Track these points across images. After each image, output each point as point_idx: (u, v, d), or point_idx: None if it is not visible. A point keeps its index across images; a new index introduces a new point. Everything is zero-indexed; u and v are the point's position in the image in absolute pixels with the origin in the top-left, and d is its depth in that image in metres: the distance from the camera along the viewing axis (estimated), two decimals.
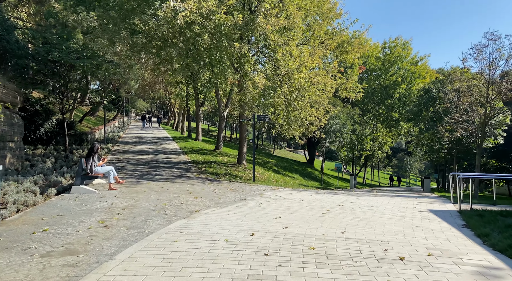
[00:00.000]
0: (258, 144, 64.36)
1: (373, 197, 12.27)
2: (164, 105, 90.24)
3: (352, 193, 13.32)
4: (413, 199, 12.04)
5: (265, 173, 19.79)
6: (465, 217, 7.93)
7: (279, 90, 15.14)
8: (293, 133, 17.25)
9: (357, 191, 18.00)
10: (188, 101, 32.09)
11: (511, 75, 13.56)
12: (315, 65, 15.03)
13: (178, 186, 12.06)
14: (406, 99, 29.70)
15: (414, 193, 20.33)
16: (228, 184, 13.79)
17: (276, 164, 27.22)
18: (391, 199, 11.52)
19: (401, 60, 30.65)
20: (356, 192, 15.30)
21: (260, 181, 16.49)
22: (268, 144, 78.29)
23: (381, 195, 13.95)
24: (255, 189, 13.00)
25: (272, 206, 9.17)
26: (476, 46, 14.40)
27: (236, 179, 15.73)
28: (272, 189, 13.51)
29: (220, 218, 7.50)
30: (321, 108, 17.01)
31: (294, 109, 15.71)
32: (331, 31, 18.15)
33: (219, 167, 18.15)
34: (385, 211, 9.02)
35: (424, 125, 20.14)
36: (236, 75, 15.00)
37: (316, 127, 17.50)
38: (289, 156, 63.56)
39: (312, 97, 15.53)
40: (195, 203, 9.27)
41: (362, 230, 6.65)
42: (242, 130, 19.33)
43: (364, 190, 23.13)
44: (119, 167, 15.93)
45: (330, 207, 9.40)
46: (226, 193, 11.38)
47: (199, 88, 27.50)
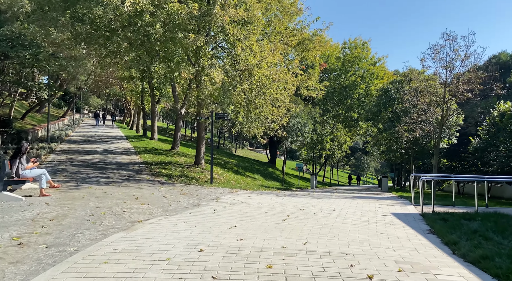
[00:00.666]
0: (219, 143, 63.17)
1: (335, 199, 11.83)
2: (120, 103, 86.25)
3: (313, 195, 12.81)
4: (374, 201, 11.74)
5: (225, 174, 18.90)
6: (429, 221, 7.58)
7: (239, 87, 14.32)
8: (254, 133, 16.52)
9: (318, 192, 17.65)
10: (144, 98, 30.37)
11: (466, 76, 13.80)
12: (276, 62, 14.40)
13: (124, 191, 10.85)
14: (365, 100, 30.18)
15: (373, 192, 20.41)
16: (182, 187, 12.74)
17: (237, 164, 26.41)
18: (352, 202, 11.12)
19: (361, 60, 31.13)
20: (317, 193, 14.87)
21: (219, 183, 15.59)
22: (230, 144, 77.31)
23: (342, 196, 13.59)
24: (211, 192, 12.08)
25: (228, 213, 8.33)
26: (434, 46, 14.55)
27: (192, 181, 14.71)
28: (230, 192, 12.66)
29: (166, 229, 6.53)
30: (282, 107, 16.42)
31: (255, 108, 14.97)
32: (292, 28, 17.64)
33: (174, 168, 16.99)
34: (347, 215, 8.51)
35: (383, 125, 20.32)
36: (192, 69, 13.98)
37: (278, 126, 16.89)
38: (251, 155, 63.04)
39: (273, 95, 14.88)
40: (140, 211, 8.19)
41: (325, 240, 5.99)
42: (200, 129, 18.28)
43: (324, 190, 22.98)
44: (60, 168, 14.31)
45: (291, 212, 8.73)
46: (178, 197, 10.36)
47: (154, 84, 25.99)
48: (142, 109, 31.71)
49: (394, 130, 18.89)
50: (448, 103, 14.56)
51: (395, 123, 19.33)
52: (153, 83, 25.90)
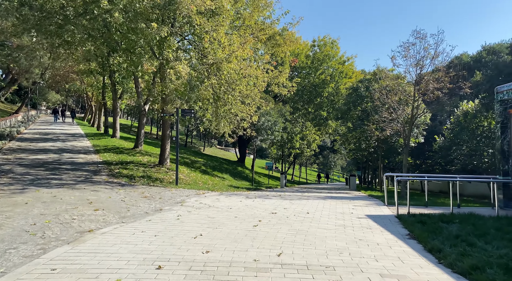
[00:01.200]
0: (187, 142, 61.61)
1: (307, 200, 11.35)
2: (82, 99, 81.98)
3: (284, 197, 12.27)
4: (347, 201, 11.38)
5: (192, 174, 17.99)
6: (407, 225, 7.22)
7: (207, 82, 13.50)
8: (223, 131, 15.75)
9: (289, 192, 17.19)
10: (105, 94, 28.65)
11: (436, 74, 13.83)
12: (246, 56, 13.72)
13: (78, 194, 9.76)
14: (334, 98, 30.24)
15: (342, 191, 20.30)
16: (144, 189, 11.77)
17: (204, 163, 25.49)
18: (325, 203, 10.68)
19: (330, 59, 31.15)
20: (288, 194, 14.37)
21: (185, 184, 14.70)
22: (198, 142, 75.80)
23: (314, 197, 13.17)
24: (176, 194, 11.21)
25: (193, 219, 7.55)
26: (404, 44, 14.51)
27: (156, 182, 13.73)
28: (197, 194, 11.84)
29: (121, 240, 5.68)
30: (252, 104, 15.77)
31: (224, 104, 14.21)
32: (262, 22, 17.02)
33: (136, 168, 15.88)
34: (322, 218, 8.00)
35: (352, 124, 20.27)
36: (155, 62, 12.99)
37: (248, 124, 16.22)
38: (220, 154, 62.07)
39: (243, 92, 14.19)
40: (93, 218, 7.24)
41: (301, 250, 5.40)
42: (164, 127, 17.25)
43: (294, 189, 22.65)
44: (4, 169, 12.85)
45: (262, 216, 8.10)
46: (138, 201, 9.43)
47: (116, 79, 24.48)
48: (104, 106, 29.91)
49: (364, 129, 18.86)
50: (418, 101, 14.59)
51: (364, 122, 19.30)
52: (115, 78, 24.40)
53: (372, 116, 18.41)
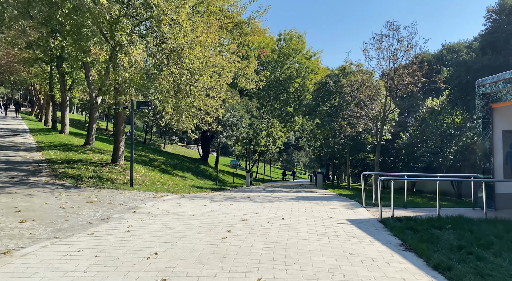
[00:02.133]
0: (146, 138, 58.75)
1: (279, 202, 10.32)
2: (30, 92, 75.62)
3: (253, 198, 11.15)
4: (321, 203, 10.49)
5: (149, 174, 16.36)
6: (395, 231, 6.38)
7: (166, 70, 12.03)
8: (185, 126, 14.32)
9: (256, 191, 16.14)
10: (53, 85, 25.92)
11: (410, 68, 13.36)
12: (211, 43, 12.41)
13: (5, 200, 8.01)
14: (300, 94, 29.56)
15: (310, 190, 19.61)
16: (92, 192, 10.13)
17: (164, 161, 23.77)
18: (299, 205, 9.71)
19: (296, 53, 30.36)
20: (256, 194, 13.29)
21: (141, 185, 13.13)
22: (158, 139, 72.84)
23: (285, 197, 12.19)
24: (129, 198, 9.71)
25: (148, 230, 6.22)
26: (377, 36, 13.91)
27: (107, 183, 12.07)
28: (154, 197, 10.40)
29: (46, 266, 4.27)
30: (217, 97, 14.48)
31: (186, 96, 12.80)
32: (227, 9, 15.74)
33: (85, 167, 14.03)
34: (300, 225, 6.98)
35: (320, 120, 19.62)
36: (106, 46, 11.32)
37: (212, 119, 14.91)
38: (181, 151, 59.92)
39: (207, 83, 12.85)
40: (16, 233, 5.68)
41: (283, 272, 4.30)
42: (118, 121, 15.48)
43: (261, 188, 21.66)
44: None
45: (232, 224, 6.93)
46: (82, 208, 7.88)
47: (64, 69, 22.06)
48: (52, 99, 27.06)
49: (333, 125, 18.25)
50: (392, 96, 14.10)
51: (332, 118, 18.70)
52: (63, 67, 21.95)
53: (343, 111, 17.81)
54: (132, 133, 12.73)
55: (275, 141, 34.56)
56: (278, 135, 33.99)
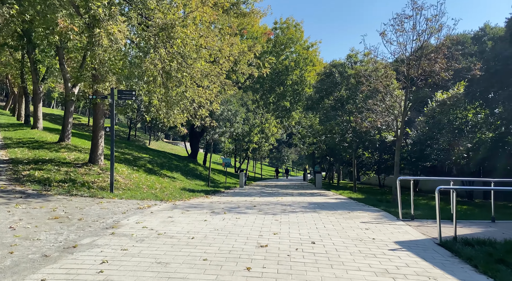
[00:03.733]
0: (130, 134, 56.06)
1: (294, 213, 8.43)
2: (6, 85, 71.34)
3: (262, 208, 9.19)
4: (344, 213, 8.66)
5: (134, 175, 14.26)
6: (481, 266, 4.58)
7: (153, 53, 9.96)
8: (175, 121, 12.27)
9: (255, 195, 14.25)
10: (25, 76, 23.34)
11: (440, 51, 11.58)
12: (208, 21, 10.37)
13: None
14: (298, 87, 27.63)
15: (314, 192, 17.85)
16: (60, 202, 8.03)
17: (150, 160, 21.60)
18: (322, 218, 7.85)
19: (293, 43, 28.30)
20: (258, 199, 11.39)
21: (124, 190, 11.05)
22: (143, 135, 70.05)
23: (296, 204, 10.32)
24: (108, 210, 7.66)
25: (130, 270, 4.24)
26: (399, 17, 12.10)
27: (82, 189, 9.96)
28: (140, 207, 8.37)
29: None
30: (212, 87, 12.46)
31: (177, 85, 10.74)
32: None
33: (56, 168, 11.85)
34: (342, 255, 5.11)
35: (324, 114, 17.81)
36: (78, 20, 9.17)
37: (207, 113, 12.91)
38: (167, 148, 57.50)
39: (203, 69, 10.82)
40: None
41: None
42: (96, 114, 13.30)
43: (258, 189, 19.78)
44: None
45: (248, 253, 5.00)
46: (41, 228, 5.83)
47: (37, 56, 19.59)
48: (24, 91, 24.45)
49: (339, 120, 16.44)
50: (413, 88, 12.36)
51: (338, 112, 16.92)
52: (35, 55, 19.48)
53: (350, 105, 16.04)
54: (112, 128, 10.62)
55: (268, 138, 32.68)
56: (271, 131, 32.11)
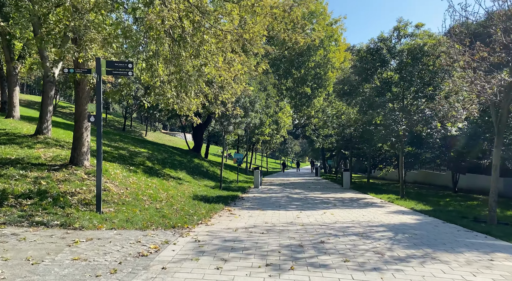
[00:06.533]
0: (125, 125, 52.41)
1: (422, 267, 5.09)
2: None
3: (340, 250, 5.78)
4: (497, 270, 5.34)
5: (130, 180, 10.85)
6: None
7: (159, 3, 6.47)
8: (190, 107, 8.84)
9: (292, 204, 10.97)
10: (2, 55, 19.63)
11: None
12: None
13: None
14: (320, 71, 23.91)
15: (353, 196, 14.60)
16: (6, 241, 4.62)
17: (150, 155, 18.17)
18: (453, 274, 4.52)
19: (315, 17, 24.34)
20: (315, 228, 8.08)
21: (117, 207, 7.67)
22: (140, 125, 66.36)
23: (401, 247, 7.00)
24: (84, 266, 4.27)
25: None
26: None
27: (52, 211, 6.56)
28: (143, 253, 4.97)
29: None
30: (238, 61, 9.00)
31: (194, 55, 7.29)
32: None
33: (23, 173, 8.44)
34: None
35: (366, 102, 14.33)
36: None
37: (233, 97, 9.52)
38: (165, 140, 54.04)
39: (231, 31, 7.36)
40: None
41: None
42: (80, 98, 9.82)
43: (278, 188, 16.52)
44: None
45: None
46: None
47: (11, 29, 15.86)
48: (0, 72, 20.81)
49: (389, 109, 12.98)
50: None
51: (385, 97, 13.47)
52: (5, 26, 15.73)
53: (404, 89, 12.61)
54: (99, 117, 7.19)
55: (279, 129, 29.24)
56: (284, 122, 28.63)
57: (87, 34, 6.31)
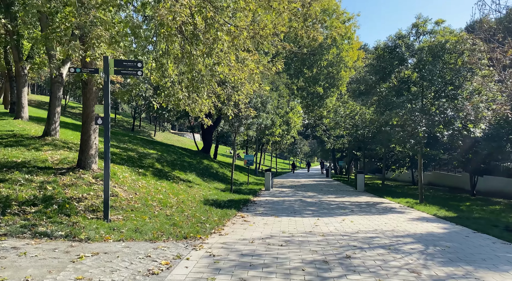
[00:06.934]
0: (134, 125, 52.43)
1: None
2: None
3: (370, 267, 5.29)
4: None
5: (139, 183, 10.47)
6: None
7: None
8: (202, 109, 8.40)
9: (303, 211, 10.48)
10: (9, 55, 19.49)
11: None
12: None
13: None
14: (332, 70, 23.27)
15: (369, 200, 14.04)
16: (8, 257, 4.23)
17: (159, 157, 17.82)
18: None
19: (329, 15, 23.73)
20: (337, 239, 7.58)
21: (125, 214, 7.27)
22: (148, 125, 66.38)
23: (437, 262, 6.47)
24: (92, 276, 3.86)
25: None
26: None
27: (57, 219, 6.17)
28: (153, 270, 4.52)
29: None
30: (251, 61, 8.52)
31: (207, 53, 6.84)
32: None
33: (28, 177, 8.10)
34: None
35: (383, 101, 13.69)
36: None
37: (247, 99, 9.06)
38: (174, 140, 53.93)
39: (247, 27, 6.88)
40: None
41: None
42: (88, 99, 9.45)
43: (289, 191, 16.01)
44: None
45: None
46: None
47: (19, 28, 15.63)
48: (9, 73, 20.68)
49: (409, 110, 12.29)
50: None
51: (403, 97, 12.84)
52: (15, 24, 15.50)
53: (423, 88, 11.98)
54: (107, 119, 6.79)
55: (290, 130, 28.68)
56: (294, 122, 28.07)
57: (93, 30, 5.90)
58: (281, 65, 9.03)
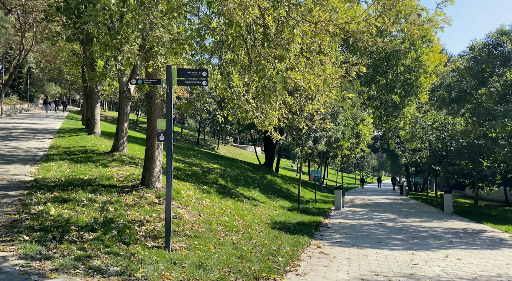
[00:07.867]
0: (199, 139, 53.73)
1: None
2: None
3: None
4: None
5: (203, 203, 9.71)
6: None
7: None
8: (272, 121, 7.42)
9: (394, 245, 8.84)
10: (85, 74, 20.69)
11: None
12: None
13: None
14: (410, 76, 20.84)
15: (448, 221, 11.80)
16: None
17: (222, 172, 17.23)
18: None
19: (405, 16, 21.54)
20: None
21: (188, 241, 6.42)
22: (212, 139, 67.91)
23: None
24: None
25: None
26: None
27: (114, 248, 5.45)
28: None
29: None
30: (328, 65, 7.34)
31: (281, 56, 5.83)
32: None
33: (92, 196, 7.71)
34: None
35: (482, 110, 11.52)
36: None
37: (324, 109, 7.90)
38: (236, 153, 54.18)
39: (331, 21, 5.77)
40: None
41: None
42: (152, 113, 9.02)
43: (348, 205, 14.24)
44: None
45: None
46: None
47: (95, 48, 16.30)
48: (85, 91, 22.02)
49: None
50: None
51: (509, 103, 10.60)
52: (92, 46, 16.22)
53: None
54: (170, 134, 6.06)
55: (360, 142, 26.56)
56: (364, 135, 25.95)
57: (153, 32, 5.24)
58: (365, 66, 7.72)
